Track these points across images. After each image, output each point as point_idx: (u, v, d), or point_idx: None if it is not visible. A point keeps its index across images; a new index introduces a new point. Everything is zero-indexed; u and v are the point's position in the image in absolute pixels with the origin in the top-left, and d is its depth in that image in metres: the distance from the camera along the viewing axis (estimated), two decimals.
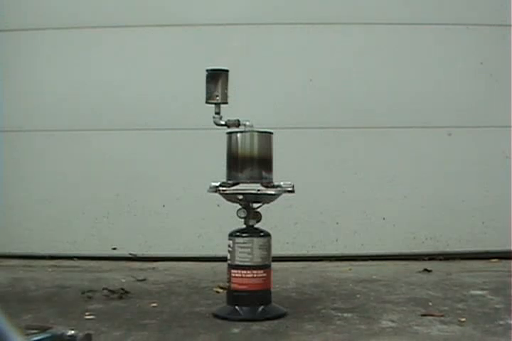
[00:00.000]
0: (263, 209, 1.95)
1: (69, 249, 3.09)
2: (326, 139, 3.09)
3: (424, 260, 3.00)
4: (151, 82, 3.06)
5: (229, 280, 1.90)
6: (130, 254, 3.06)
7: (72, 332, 1.36)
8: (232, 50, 3.05)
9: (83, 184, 3.12)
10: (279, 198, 1.95)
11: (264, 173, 1.92)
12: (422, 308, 1.97)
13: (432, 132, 3.10)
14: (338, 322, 1.81)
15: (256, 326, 1.77)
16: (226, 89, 1.95)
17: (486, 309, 1.95)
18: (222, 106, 1.95)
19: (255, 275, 1.86)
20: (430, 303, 2.04)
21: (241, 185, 1.94)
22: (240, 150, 1.92)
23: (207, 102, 1.96)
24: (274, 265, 1.95)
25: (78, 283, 2.42)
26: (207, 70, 1.96)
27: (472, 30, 3.10)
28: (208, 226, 3.04)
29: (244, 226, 1.93)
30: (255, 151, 1.91)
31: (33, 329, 1.40)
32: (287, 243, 3.05)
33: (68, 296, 2.21)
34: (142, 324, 1.80)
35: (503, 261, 2.91)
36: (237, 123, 1.96)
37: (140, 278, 2.52)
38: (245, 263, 1.86)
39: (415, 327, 1.74)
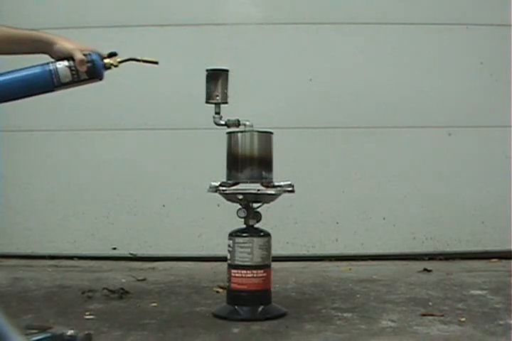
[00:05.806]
0: (263, 209, 1.95)
1: (69, 248, 3.09)
2: (325, 139, 3.09)
3: (424, 260, 2.99)
4: (151, 81, 3.05)
5: (229, 280, 1.90)
6: (130, 254, 3.06)
7: (72, 332, 1.36)
8: (233, 50, 3.05)
9: (83, 184, 3.12)
10: (279, 198, 1.95)
11: (264, 173, 1.92)
12: (422, 308, 1.97)
13: (431, 132, 3.10)
14: (338, 322, 1.81)
15: (256, 326, 1.77)
16: (226, 89, 1.95)
17: (485, 309, 1.95)
18: (222, 106, 1.96)
19: (255, 275, 1.86)
20: (430, 303, 2.04)
21: (241, 184, 1.94)
22: (240, 150, 1.92)
23: (207, 102, 1.96)
24: (274, 265, 1.95)
25: (78, 283, 2.42)
26: (207, 70, 1.96)
27: (472, 30, 3.09)
28: (208, 226, 3.04)
29: (244, 226, 1.93)
30: (255, 151, 1.92)
31: (33, 329, 1.40)
32: (287, 243, 3.05)
33: (68, 296, 2.21)
34: (142, 324, 1.81)
35: (503, 261, 2.91)
36: (237, 123, 1.96)
37: (140, 278, 2.52)
38: (245, 263, 1.87)
39: (415, 327, 1.74)
